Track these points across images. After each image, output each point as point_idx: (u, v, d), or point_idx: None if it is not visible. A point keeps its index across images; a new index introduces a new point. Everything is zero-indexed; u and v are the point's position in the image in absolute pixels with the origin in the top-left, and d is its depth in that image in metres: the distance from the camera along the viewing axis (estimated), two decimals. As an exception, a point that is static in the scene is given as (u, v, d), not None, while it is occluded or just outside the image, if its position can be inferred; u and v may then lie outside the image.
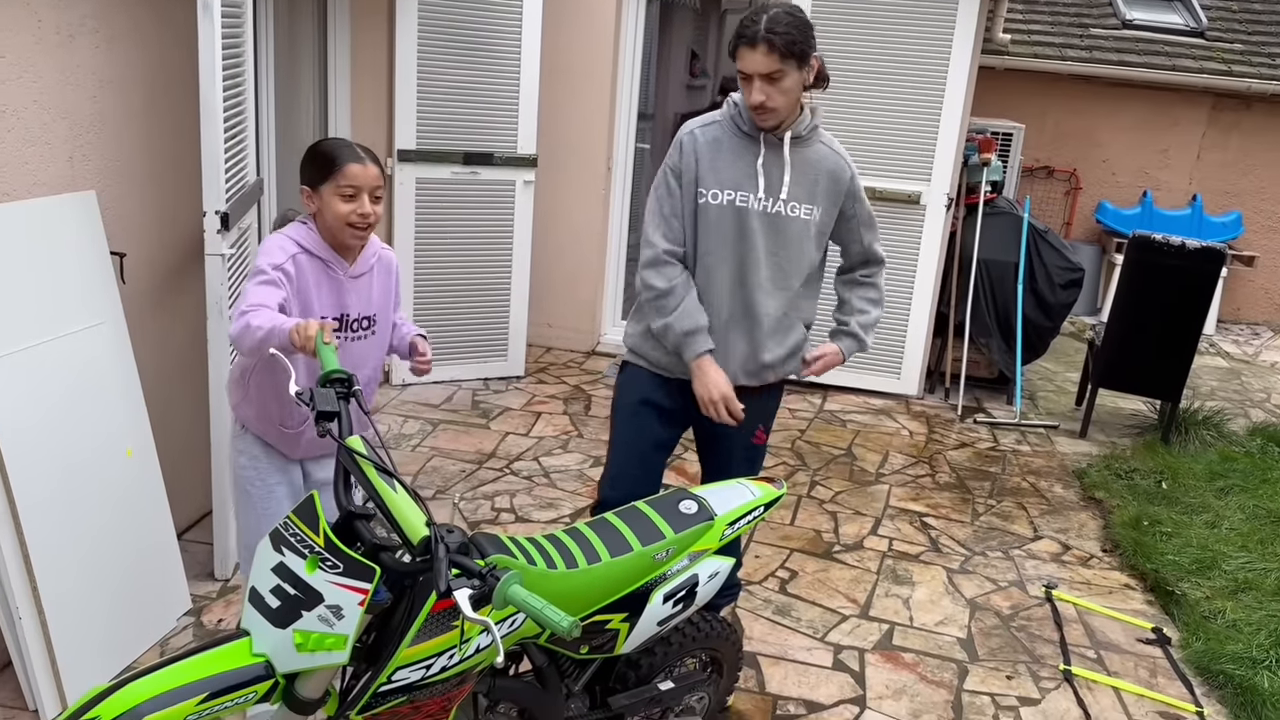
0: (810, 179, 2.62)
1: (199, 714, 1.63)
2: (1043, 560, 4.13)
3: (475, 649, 1.88)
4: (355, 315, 2.51)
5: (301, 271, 2.38)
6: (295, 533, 1.75)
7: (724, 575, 2.41)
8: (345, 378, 1.96)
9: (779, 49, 2.44)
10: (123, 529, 2.95)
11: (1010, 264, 5.85)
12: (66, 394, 2.80)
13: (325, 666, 1.71)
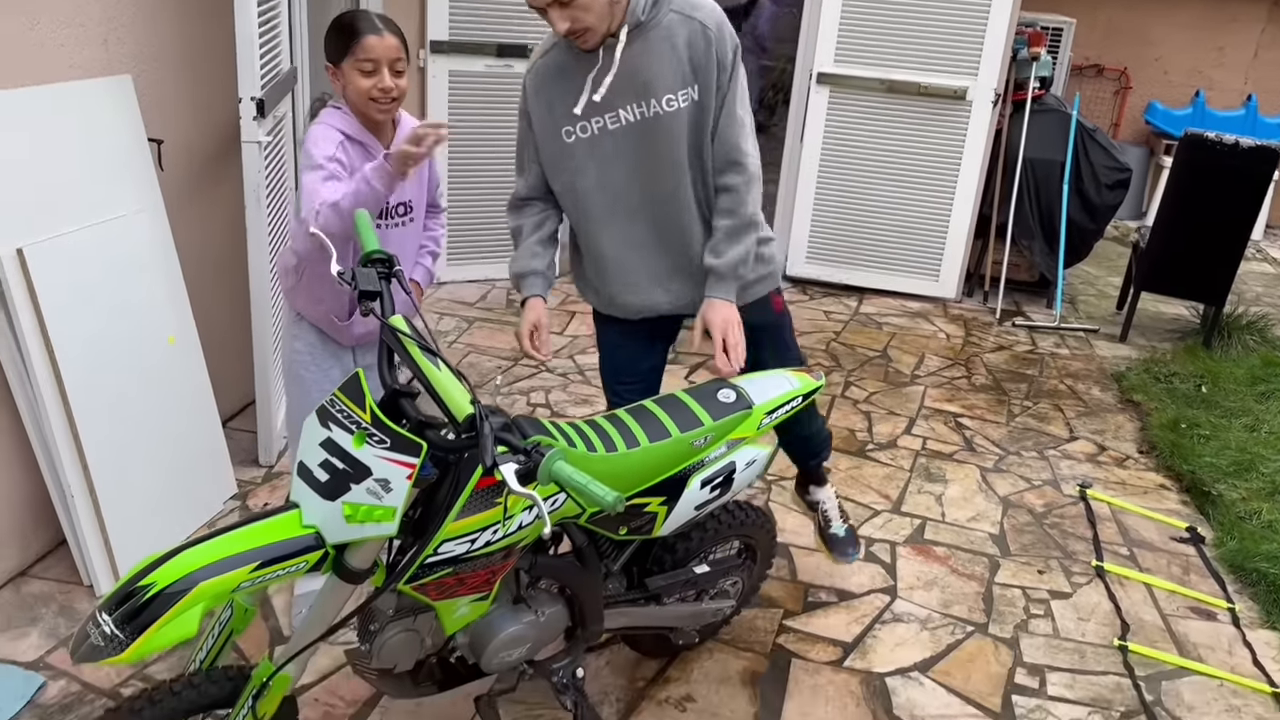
0: (674, 58, 2.24)
1: (251, 581, 1.66)
2: (1078, 460, 4.12)
3: (518, 526, 1.91)
4: (393, 203, 2.47)
5: (350, 160, 2.36)
6: (341, 409, 1.77)
7: (761, 463, 2.42)
8: (386, 258, 1.95)
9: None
10: (168, 414, 3.00)
11: (1056, 163, 5.70)
12: (108, 280, 2.82)
13: (374, 538, 1.74)
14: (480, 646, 2.08)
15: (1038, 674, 2.82)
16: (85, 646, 1.60)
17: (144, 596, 1.58)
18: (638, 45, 2.22)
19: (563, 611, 2.22)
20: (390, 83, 2.31)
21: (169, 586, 1.60)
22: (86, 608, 2.74)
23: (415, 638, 2.00)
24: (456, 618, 1.98)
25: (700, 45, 2.23)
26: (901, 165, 5.70)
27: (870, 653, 2.85)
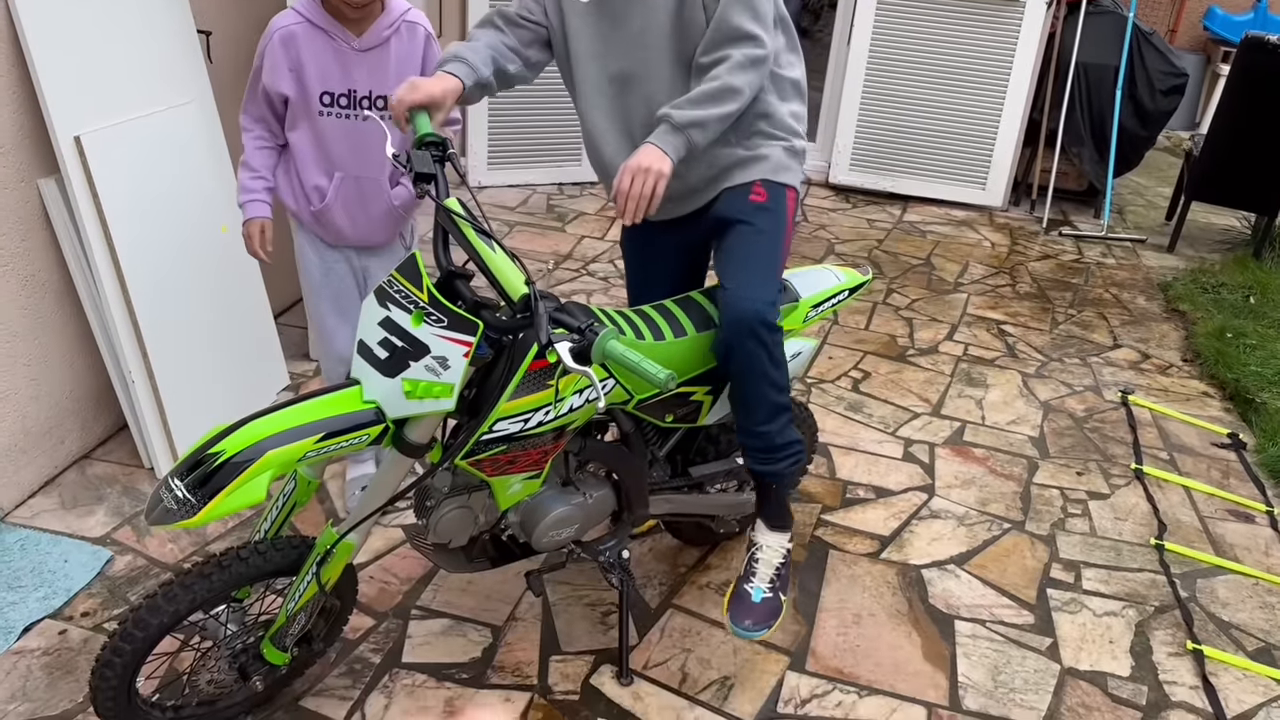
0: None
1: (316, 452, 1.73)
2: (1120, 368, 4.10)
3: (569, 408, 1.95)
4: (366, 92, 2.42)
5: (295, 44, 2.34)
6: (399, 289, 1.81)
7: (807, 356, 2.45)
8: (440, 141, 1.96)
9: None
10: (222, 303, 3.07)
11: (1110, 67, 5.56)
12: (162, 170, 2.86)
13: (433, 413, 1.80)
14: (531, 525, 2.15)
15: (1073, 569, 2.86)
16: (158, 510, 1.69)
17: (214, 463, 1.66)
18: None
19: (609, 495, 2.28)
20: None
21: (238, 454, 1.67)
22: (147, 488, 2.84)
23: (469, 514, 2.07)
24: (510, 494, 2.05)
25: None
26: (950, 70, 5.58)
27: (907, 546, 2.90)
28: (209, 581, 1.87)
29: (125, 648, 1.83)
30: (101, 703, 1.88)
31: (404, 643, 2.41)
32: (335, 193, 2.50)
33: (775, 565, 2.32)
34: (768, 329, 2.07)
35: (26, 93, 2.54)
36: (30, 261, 2.65)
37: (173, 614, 1.84)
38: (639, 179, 1.89)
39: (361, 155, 2.48)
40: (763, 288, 2.11)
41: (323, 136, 2.45)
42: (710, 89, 1.98)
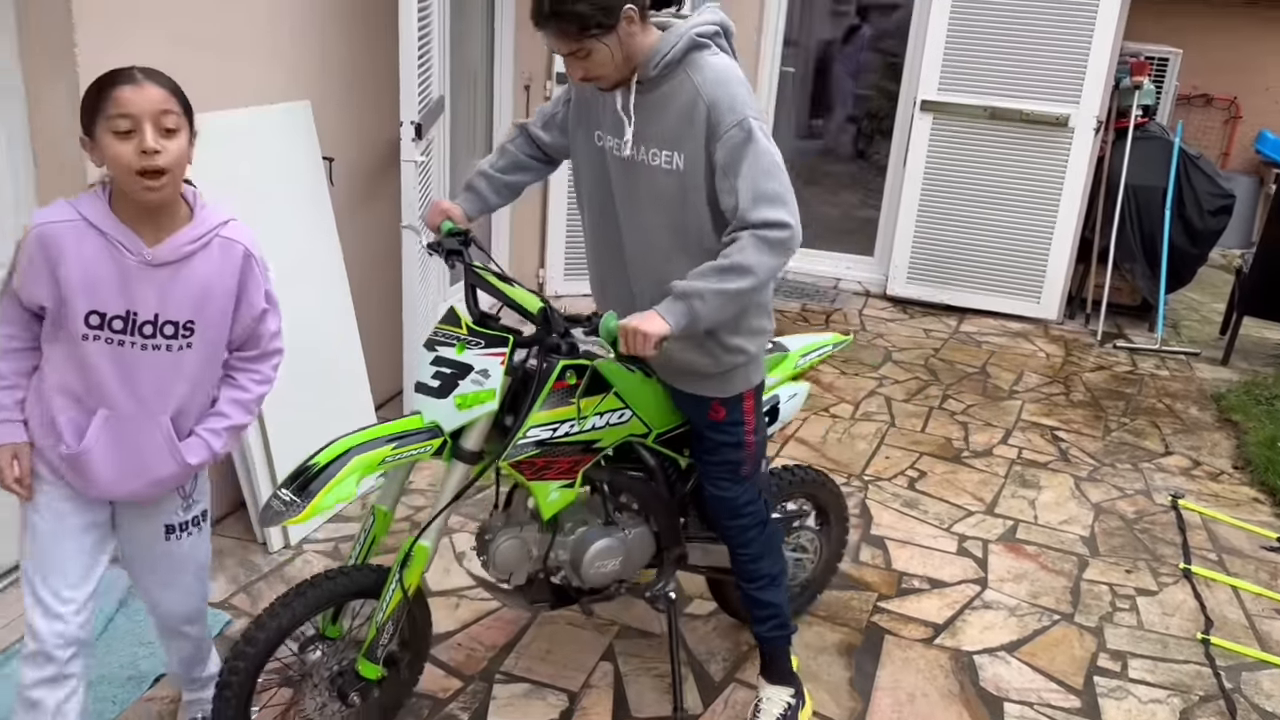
0: (669, 121, 2.16)
1: (393, 456, 2.11)
2: (1171, 473, 4.24)
3: (592, 426, 2.34)
4: (151, 316, 1.89)
5: (59, 247, 1.83)
6: (443, 334, 2.23)
7: (801, 398, 2.83)
8: (463, 231, 2.40)
9: (571, 31, 2.05)
10: (333, 399, 3.41)
11: (1158, 189, 5.82)
12: (291, 279, 3.24)
13: (482, 416, 2.19)
14: (577, 560, 2.46)
15: (1120, 659, 3.00)
16: (269, 514, 2.07)
17: (312, 471, 2.05)
18: (648, 97, 2.18)
19: (647, 533, 2.58)
20: (154, 142, 1.77)
21: (331, 462, 2.06)
22: (261, 561, 3.14)
23: (523, 546, 2.42)
24: (550, 502, 2.38)
25: (697, 117, 2.12)
26: (1003, 189, 5.89)
27: (959, 633, 3.07)
28: (306, 598, 2.18)
29: (240, 665, 2.11)
30: None
31: (489, 703, 2.64)
32: (97, 434, 1.93)
33: (776, 715, 2.58)
34: (746, 519, 2.49)
35: (182, 210, 2.95)
36: (174, 355, 3.02)
37: (277, 629, 2.14)
38: (631, 339, 2.05)
39: (137, 389, 1.93)
40: (733, 488, 2.47)
41: (85, 364, 1.89)
42: (719, 264, 2.09)
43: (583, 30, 2.04)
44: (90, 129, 1.81)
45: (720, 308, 2.10)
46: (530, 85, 5.46)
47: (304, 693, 2.28)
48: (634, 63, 2.15)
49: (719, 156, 2.11)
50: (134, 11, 2.69)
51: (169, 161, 1.80)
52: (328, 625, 2.32)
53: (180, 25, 2.86)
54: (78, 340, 1.88)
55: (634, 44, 2.11)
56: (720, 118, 2.10)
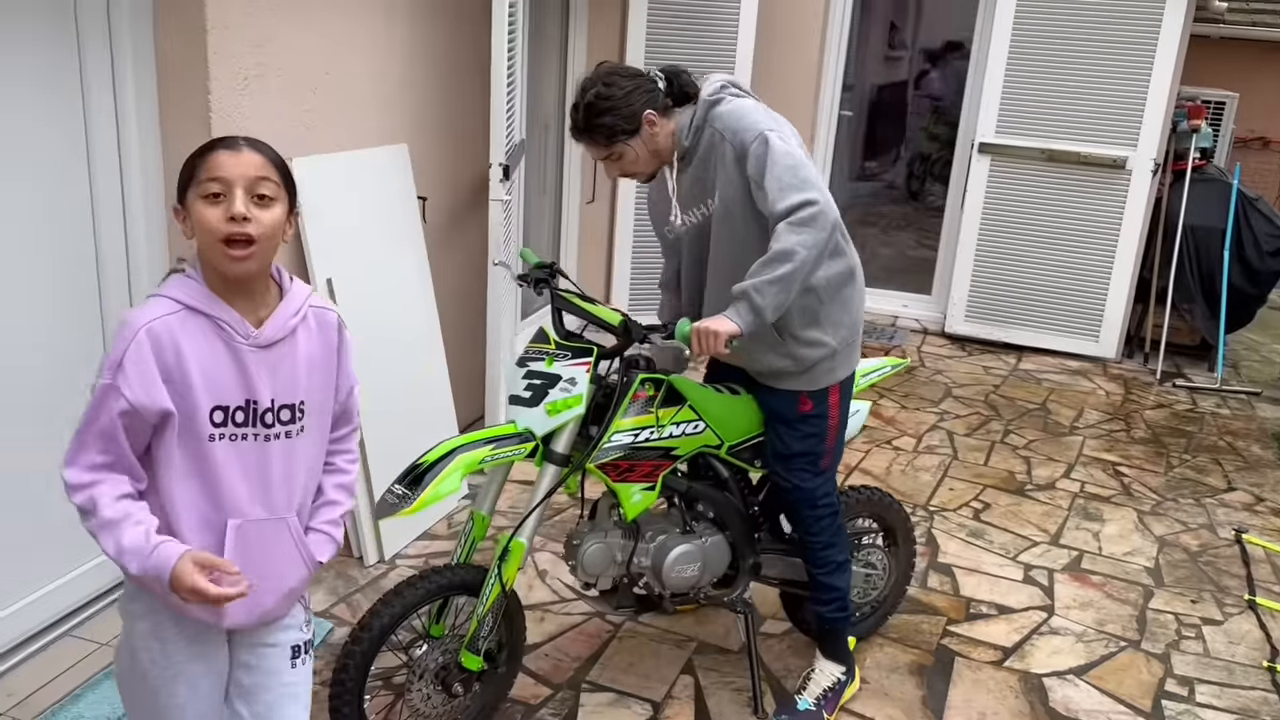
0: (703, 176, 2.52)
1: (492, 456, 2.34)
2: (1234, 509, 4.29)
3: (669, 434, 2.54)
4: (268, 403, 1.71)
5: (172, 342, 1.62)
6: (532, 352, 2.48)
7: (863, 415, 3.01)
8: (549, 264, 2.65)
9: (601, 142, 2.45)
10: (422, 419, 3.60)
11: (1217, 230, 5.89)
12: (387, 310, 3.46)
13: (571, 420, 2.41)
14: (658, 565, 2.65)
15: (1187, 684, 3.06)
16: (384, 507, 2.31)
17: (421, 468, 2.29)
18: (689, 168, 2.53)
19: (722, 541, 2.74)
20: (243, 208, 1.60)
21: (438, 460, 2.30)
22: (358, 574, 3.32)
23: (606, 551, 2.61)
24: (633, 504, 2.57)
25: (726, 157, 2.44)
26: (1061, 230, 5.99)
27: (1028, 657, 3.15)
28: (413, 591, 2.36)
29: (356, 650, 2.29)
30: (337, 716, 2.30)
31: (578, 710, 2.78)
32: (232, 552, 1.70)
33: (824, 686, 2.80)
34: (821, 509, 2.69)
35: (293, 246, 3.17)
36: (282, 379, 3.23)
37: (391, 617, 2.32)
38: (703, 338, 2.29)
39: (266, 488, 1.74)
40: (813, 479, 2.67)
41: (213, 470, 1.68)
42: (764, 259, 2.31)
43: (610, 140, 2.45)
44: (183, 196, 1.66)
45: (777, 294, 2.30)
46: (600, 129, 5.68)
47: (410, 686, 2.45)
48: (663, 153, 2.52)
49: (751, 172, 2.40)
50: (263, 60, 2.93)
51: (259, 231, 1.61)
52: (431, 624, 2.49)
53: (304, 73, 3.10)
54: (204, 443, 1.66)
55: (658, 140, 2.50)
56: (743, 141, 2.41)
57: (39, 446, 2.72)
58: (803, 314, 2.51)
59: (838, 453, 2.75)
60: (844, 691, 2.83)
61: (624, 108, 2.42)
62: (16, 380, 2.63)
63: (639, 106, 2.43)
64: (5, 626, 2.69)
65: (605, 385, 2.50)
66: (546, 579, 3.39)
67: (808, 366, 2.58)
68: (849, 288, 2.60)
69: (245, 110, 2.89)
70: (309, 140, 3.17)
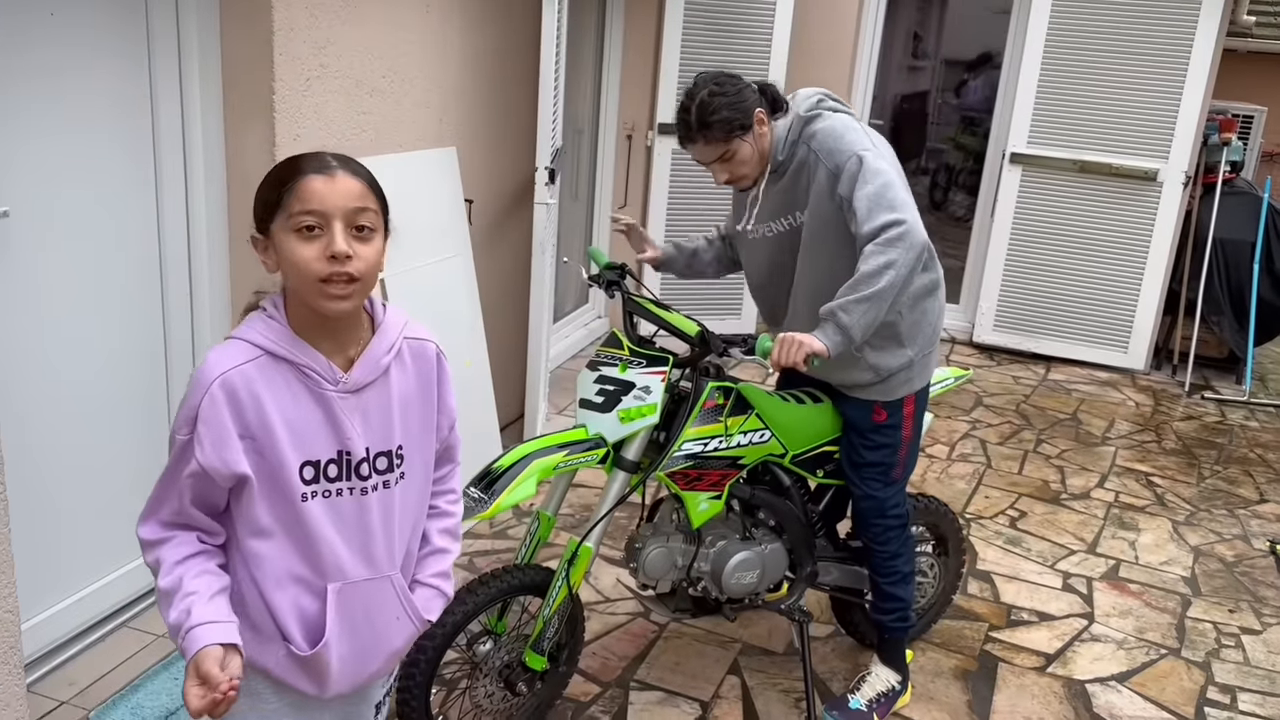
0: (794, 191, 2.53)
1: (565, 462, 2.36)
2: (1268, 520, 4.30)
3: (737, 443, 2.55)
4: (362, 454, 1.54)
5: (251, 396, 1.45)
6: (605, 357, 2.49)
7: (927, 424, 2.96)
8: (619, 265, 2.70)
9: (718, 138, 2.44)
10: (464, 417, 3.61)
11: (1247, 244, 5.90)
12: (435, 308, 3.50)
13: (643, 428, 2.42)
14: (718, 571, 2.67)
15: (1229, 692, 3.08)
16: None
17: (497, 473, 2.31)
18: (780, 181, 2.55)
19: (781, 549, 2.76)
20: (345, 245, 1.42)
21: (513, 465, 2.32)
22: (404, 572, 3.35)
23: (668, 555, 2.63)
24: (699, 512, 2.58)
25: (819, 176, 2.45)
26: (1091, 241, 6.01)
27: (1070, 663, 3.17)
28: (487, 588, 2.39)
29: (428, 646, 2.31)
30: (406, 712, 2.33)
31: (628, 708, 2.80)
32: (335, 619, 1.55)
33: (878, 690, 2.83)
34: (891, 519, 2.72)
35: (348, 244, 3.21)
36: (333, 377, 3.27)
37: (463, 614, 2.35)
38: (786, 346, 2.25)
39: (367, 545, 1.57)
40: (884, 490, 2.70)
41: (308, 533, 1.52)
42: (853, 280, 2.30)
43: (728, 134, 2.43)
44: (265, 226, 1.45)
45: (864, 314, 2.28)
46: (633, 135, 5.72)
47: (475, 682, 2.48)
48: (766, 158, 2.53)
49: (843, 191, 2.39)
50: (325, 63, 2.97)
51: (362, 269, 1.43)
52: (495, 622, 2.52)
53: (364, 75, 3.15)
54: (295, 504, 1.49)
55: (764, 142, 2.51)
56: (839, 162, 2.41)
57: (100, 448, 2.78)
58: (883, 325, 2.47)
59: (910, 464, 2.75)
60: (896, 700, 2.85)
61: (739, 103, 2.43)
62: (84, 392, 2.69)
63: (751, 103, 2.45)
64: (65, 617, 2.73)
65: (675, 392, 2.52)
66: (591, 579, 3.42)
67: (885, 377, 2.59)
68: (930, 299, 2.60)
69: (307, 111, 2.93)
70: (365, 142, 3.22)
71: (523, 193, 4.18)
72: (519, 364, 4.06)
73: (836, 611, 3.11)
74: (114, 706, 2.58)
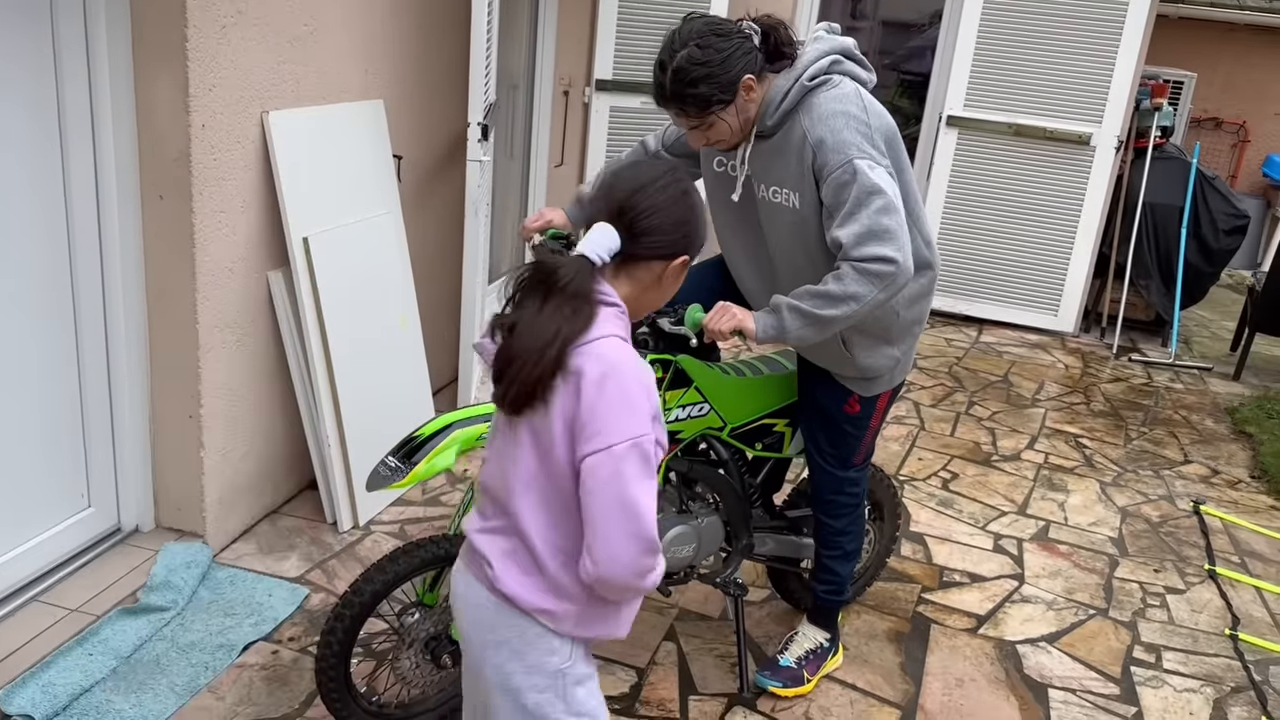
0: (787, 164, 2.26)
1: (488, 432, 2.19)
2: (1191, 481, 4.40)
3: (674, 418, 2.48)
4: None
5: None
6: None
7: None
8: (564, 236, 2.58)
9: (693, 112, 2.16)
10: (396, 381, 3.53)
11: (1175, 208, 5.99)
12: (363, 268, 3.38)
13: None
14: None
15: (1154, 651, 3.14)
16: (376, 479, 2.24)
17: (417, 441, 2.23)
18: (767, 143, 2.28)
19: (718, 522, 2.72)
20: None
21: (434, 434, 2.24)
22: (332, 540, 3.26)
23: None
24: None
25: (805, 158, 2.21)
26: (1025, 205, 6.05)
27: (1001, 624, 3.20)
28: (410, 558, 2.32)
29: (346, 614, 2.24)
30: (324, 680, 2.26)
31: (563, 678, 2.76)
32: None
33: (806, 648, 2.81)
34: (845, 496, 2.68)
35: (270, 202, 3.08)
36: (255, 339, 3.14)
37: (383, 583, 2.27)
38: (720, 313, 2.16)
39: None
40: (849, 470, 2.66)
41: None
42: (817, 289, 2.14)
43: (704, 110, 2.15)
44: (678, 253, 1.59)
45: (804, 327, 2.16)
46: (569, 91, 5.60)
47: (399, 654, 2.41)
48: (752, 124, 2.24)
49: (825, 196, 2.18)
50: (241, 9, 2.82)
51: None
52: (425, 593, 2.45)
53: (283, 23, 2.99)
54: None
55: (751, 108, 2.21)
56: (826, 159, 2.15)
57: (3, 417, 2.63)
58: (876, 324, 2.37)
59: (870, 450, 2.72)
60: (826, 659, 2.85)
61: (721, 75, 2.11)
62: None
63: (737, 72, 2.13)
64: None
65: None
66: (524, 545, 3.36)
67: (870, 376, 2.52)
68: (925, 299, 2.51)
69: (223, 60, 2.78)
70: (286, 94, 3.07)
71: (455, 149, 4.06)
72: (452, 326, 3.96)
73: (772, 577, 3.10)
74: (24, 684, 2.46)
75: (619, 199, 1.56)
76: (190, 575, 2.93)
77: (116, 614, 2.74)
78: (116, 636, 2.67)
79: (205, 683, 2.59)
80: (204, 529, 3.07)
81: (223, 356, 3.01)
